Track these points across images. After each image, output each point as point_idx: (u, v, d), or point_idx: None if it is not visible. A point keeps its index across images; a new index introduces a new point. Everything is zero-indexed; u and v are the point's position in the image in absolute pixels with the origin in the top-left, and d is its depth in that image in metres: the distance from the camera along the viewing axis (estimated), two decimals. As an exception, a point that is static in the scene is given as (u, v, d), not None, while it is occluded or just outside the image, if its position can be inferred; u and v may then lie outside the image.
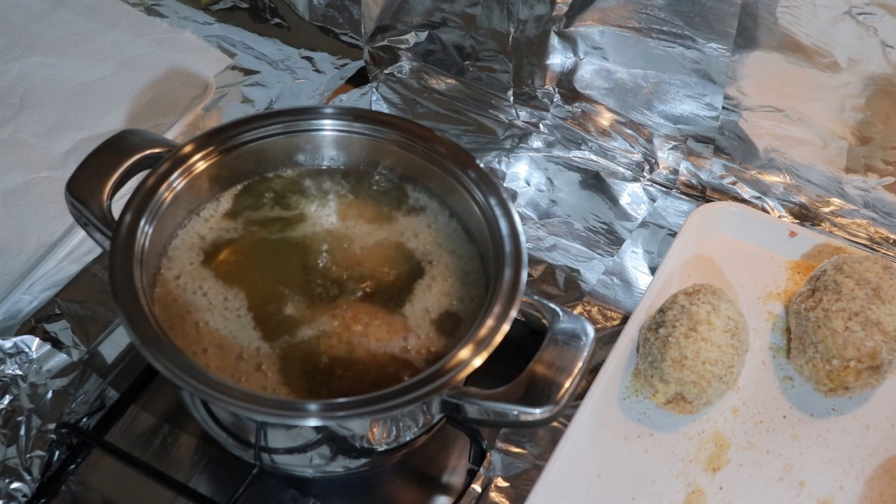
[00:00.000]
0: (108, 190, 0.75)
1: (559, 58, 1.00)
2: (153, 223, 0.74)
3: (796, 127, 0.91)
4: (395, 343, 0.73)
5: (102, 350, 0.86)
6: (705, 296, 0.82)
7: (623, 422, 0.82)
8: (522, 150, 1.03)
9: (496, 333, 0.69)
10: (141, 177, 0.76)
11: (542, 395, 0.67)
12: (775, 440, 0.81)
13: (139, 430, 0.82)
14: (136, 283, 0.70)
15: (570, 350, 0.69)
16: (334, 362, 0.72)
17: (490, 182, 0.78)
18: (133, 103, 1.04)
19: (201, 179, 0.78)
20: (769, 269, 0.92)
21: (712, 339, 0.80)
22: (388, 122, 0.82)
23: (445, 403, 0.68)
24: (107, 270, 0.70)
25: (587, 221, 0.98)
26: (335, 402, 0.67)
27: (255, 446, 0.73)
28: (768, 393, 0.84)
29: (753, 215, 0.94)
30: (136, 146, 0.77)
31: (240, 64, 1.10)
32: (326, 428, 0.69)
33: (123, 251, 0.71)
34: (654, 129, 0.99)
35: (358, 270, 0.77)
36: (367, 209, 0.81)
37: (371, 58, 1.10)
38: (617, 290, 0.92)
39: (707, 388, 0.79)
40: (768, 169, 0.96)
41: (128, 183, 0.77)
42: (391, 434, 0.73)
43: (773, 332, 0.88)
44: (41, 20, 1.11)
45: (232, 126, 0.80)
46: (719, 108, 0.94)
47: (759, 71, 0.89)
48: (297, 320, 0.74)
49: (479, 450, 0.81)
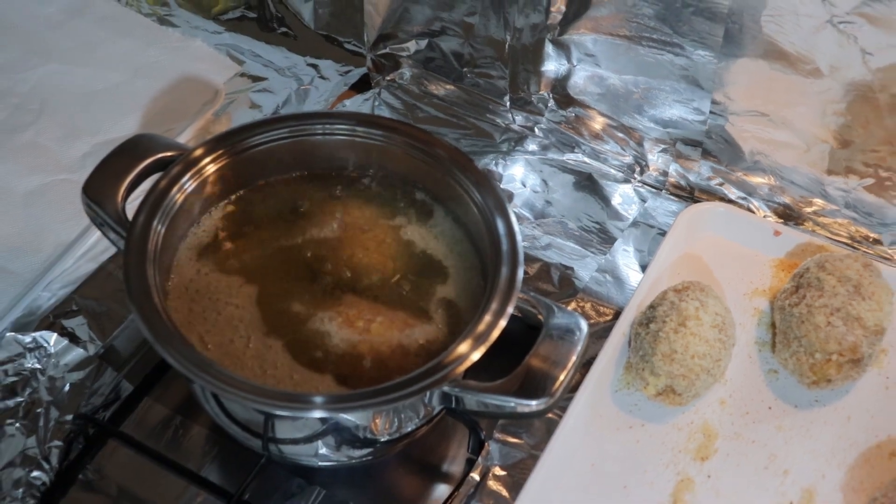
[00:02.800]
0: (123, 192, 0.75)
1: (553, 64, 1.00)
2: (165, 223, 0.74)
3: (780, 131, 0.91)
4: (395, 337, 0.73)
5: (117, 345, 0.86)
6: (694, 292, 0.82)
7: (615, 413, 0.82)
8: (518, 152, 1.03)
9: (494, 328, 0.69)
10: (154, 179, 0.76)
11: (538, 388, 0.67)
12: (761, 431, 0.81)
13: (152, 421, 0.82)
14: (149, 281, 0.70)
15: (564, 344, 0.69)
16: (337, 355, 0.72)
17: (488, 183, 0.78)
18: (146, 109, 1.04)
19: (211, 181, 0.78)
20: (755, 266, 0.92)
21: (700, 334, 0.80)
22: (389, 126, 0.82)
23: (445, 395, 0.68)
24: (121, 269, 0.70)
25: (580, 221, 0.98)
26: (339, 395, 0.67)
27: (263, 437, 0.73)
28: (754, 385, 0.84)
29: (740, 215, 0.94)
30: (150, 150, 0.78)
31: (248, 71, 1.10)
32: (331, 419, 0.70)
33: (137, 250, 0.71)
34: (645, 133, 0.99)
35: (361, 269, 0.77)
36: (370, 209, 0.81)
37: (374, 65, 1.10)
38: (609, 287, 0.92)
39: (696, 381, 0.79)
40: (754, 171, 0.96)
41: (141, 185, 0.77)
42: (393, 425, 0.73)
43: (759, 327, 0.88)
44: (58, 29, 1.11)
45: (240, 130, 0.80)
46: (707, 113, 0.94)
47: (744, 77, 0.89)
48: (303, 317, 0.74)
49: (478, 440, 0.81)
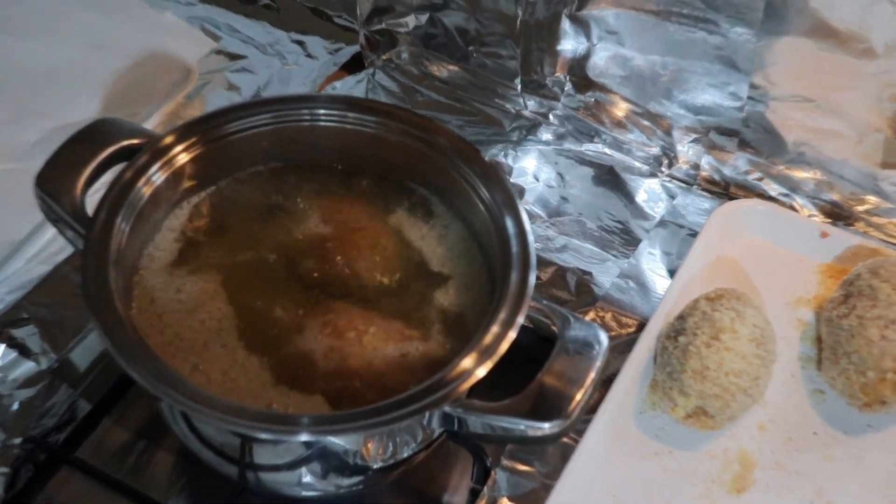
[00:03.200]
0: (82, 184, 0.75)
1: (571, 43, 1.00)
2: (130, 220, 0.74)
3: (828, 118, 0.91)
4: (390, 351, 0.73)
5: (73, 358, 0.86)
6: (729, 301, 0.82)
7: (639, 438, 0.82)
8: (531, 142, 1.03)
9: (502, 341, 0.69)
10: (117, 170, 0.76)
11: (552, 409, 0.67)
12: (806, 460, 0.81)
13: (113, 445, 0.82)
14: (111, 286, 0.69)
15: (581, 359, 0.69)
16: (326, 371, 0.72)
17: (496, 177, 0.78)
18: (108, 90, 1.04)
19: (183, 173, 0.78)
20: (798, 272, 0.92)
21: (736, 349, 0.80)
22: (385, 111, 0.82)
23: (446, 417, 0.68)
24: (79, 271, 0.70)
25: (601, 220, 0.98)
26: (327, 416, 0.67)
27: (240, 463, 0.73)
28: (798, 408, 0.84)
29: (781, 214, 0.94)
30: (112, 136, 0.77)
31: (225, 48, 1.10)
32: (317, 443, 0.69)
33: (98, 250, 0.71)
34: (674, 121, 0.99)
35: (353, 272, 0.77)
36: (362, 206, 0.81)
37: (367, 42, 1.10)
38: (633, 295, 0.92)
39: (731, 402, 0.79)
40: (798, 164, 0.96)
41: (103, 177, 0.77)
42: (387, 450, 0.72)
43: (803, 341, 0.88)
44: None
45: (216, 115, 0.80)
46: (744, 98, 0.94)
47: (787, 58, 0.89)
48: (286, 327, 0.74)
49: (483, 468, 0.81)
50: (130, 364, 0.66)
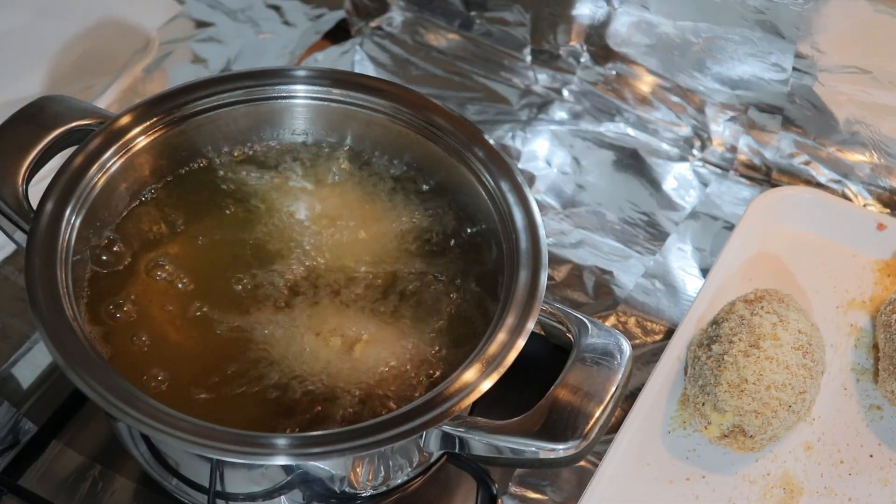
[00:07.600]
0: (24, 172, 0.75)
1: (588, 7, 1.00)
2: (81, 213, 0.74)
3: (886, 92, 0.91)
4: (383, 360, 0.74)
5: (16, 373, 0.86)
6: (770, 304, 0.83)
7: (668, 461, 0.82)
8: (542, 122, 1.04)
9: (509, 351, 0.69)
10: (66, 155, 0.76)
11: (567, 428, 0.67)
12: (860, 485, 0.81)
13: (63, 472, 0.82)
14: (59, 288, 0.70)
15: (600, 371, 0.70)
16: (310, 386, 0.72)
17: (502, 162, 0.78)
18: (55, 62, 1.04)
19: (142, 159, 0.79)
20: (851, 270, 0.92)
21: (779, 358, 0.80)
22: (374, 87, 0.82)
23: (446, 437, 0.69)
24: (22, 272, 0.71)
25: (622, 211, 0.98)
26: (308, 436, 0.67)
27: (210, 492, 0.73)
28: (851, 426, 0.84)
29: (832, 204, 0.94)
30: (60, 117, 0.78)
31: (190, 13, 1.10)
32: (298, 468, 0.70)
33: (44, 248, 0.71)
34: (707, 96, 0.99)
35: (338, 272, 0.78)
36: (350, 195, 0.82)
37: (354, 7, 1.11)
38: (659, 297, 0.92)
39: (772, 420, 0.80)
40: (851, 145, 0.96)
41: (49, 163, 0.77)
42: (378, 476, 0.73)
43: (857, 349, 0.88)
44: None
45: (180, 92, 0.80)
46: (789, 70, 0.94)
47: (839, 22, 0.89)
48: (262, 333, 0.74)
49: (489, 495, 0.81)
50: (83, 378, 0.66)
